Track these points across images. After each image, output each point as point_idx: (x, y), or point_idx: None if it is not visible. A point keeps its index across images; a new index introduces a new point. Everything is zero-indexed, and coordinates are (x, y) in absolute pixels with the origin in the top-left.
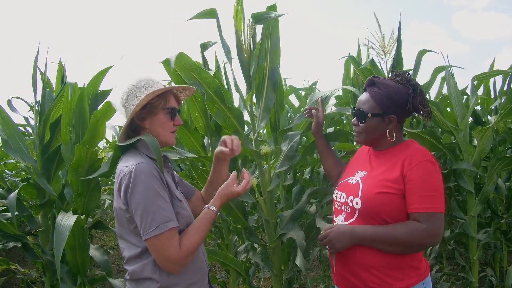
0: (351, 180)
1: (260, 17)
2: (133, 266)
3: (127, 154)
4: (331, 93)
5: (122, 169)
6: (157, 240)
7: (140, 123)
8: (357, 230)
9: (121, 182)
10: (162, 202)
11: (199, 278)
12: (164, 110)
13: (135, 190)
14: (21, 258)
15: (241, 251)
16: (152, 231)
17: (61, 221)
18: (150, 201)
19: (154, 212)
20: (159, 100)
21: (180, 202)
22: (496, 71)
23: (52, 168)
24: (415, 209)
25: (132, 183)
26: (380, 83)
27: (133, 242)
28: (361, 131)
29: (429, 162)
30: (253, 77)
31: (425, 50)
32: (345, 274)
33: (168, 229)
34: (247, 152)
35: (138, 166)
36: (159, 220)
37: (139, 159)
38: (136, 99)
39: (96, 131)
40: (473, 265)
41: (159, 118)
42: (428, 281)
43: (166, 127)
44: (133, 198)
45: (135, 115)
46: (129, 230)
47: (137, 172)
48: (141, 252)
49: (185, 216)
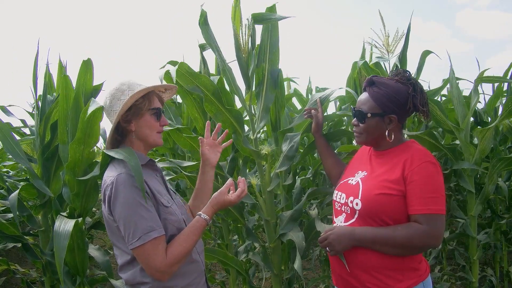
0: (351, 181)
1: (261, 18)
2: (126, 274)
3: (113, 161)
4: (329, 93)
5: (106, 179)
6: (142, 250)
7: (126, 126)
8: (357, 232)
9: (105, 192)
10: (144, 211)
11: (196, 279)
12: (149, 111)
13: (117, 202)
14: (21, 258)
15: (241, 251)
16: (136, 242)
17: (59, 227)
18: (132, 212)
19: (136, 222)
20: (144, 101)
21: (166, 208)
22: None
23: (52, 168)
24: (416, 210)
25: (114, 194)
26: (379, 82)
27: (124, 249)
28: (361, 131)
29: (431, 163)
30: (252, 77)
31: (428, 51)
32: (344, 275)
33: (152, 239)
34: (247, 152)
35: (118, 177)
36: (141, 231)
37: (120, 169)
38: (120, 102)
39: (90, 129)
40: (473, 265)
41: (145, 119)
42: (429, 282)
43: (152, 127)
44: (116, 209)
45: (120, 118)
46: (119, 237)
47: (118, 184)
48: (132, 259)
49: (173, 221)
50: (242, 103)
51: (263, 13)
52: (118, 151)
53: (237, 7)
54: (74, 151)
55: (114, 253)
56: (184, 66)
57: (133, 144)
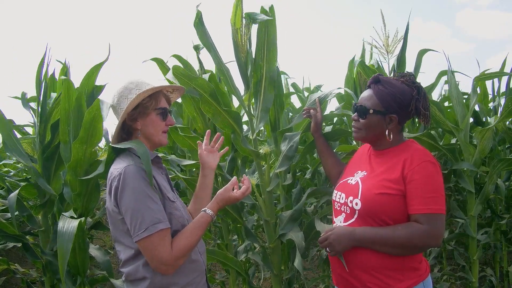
0: (351, 181)
1: (254, 17)
2: (128, 268)
3: (120, 156)
4: (328, 93)
5: (113, 171)
6: (148, 242)
7: (132, 124)
8: (357, 232)
9: (111, 184)
10: (152, 203)
11: (196, 278)
12: (155, 110)
13: (124, 192)
14: (21, 258)
15: (241, 251)
16: (142, 233)
17: (62, 228)
18: (139, 203)
19: (143, 214)
20: (150, 100)
21: (172, 202)
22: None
23: (52, 167)
24: (416, 210)
25: (121, 185)
26: (385, 81)
27: (127, 244)
28: (361, 127)
29: (430, 163)
30: (251, 77)
31: (425, 50)
32: (344, 275)
33: (158, 230)
34: (246, 152)
35: (127, 168)
36: (148, 222)
37: (128, 161)
38: (127, 100)
39: (93, 129)
40: (473, 265)
41: (151, 118)
42: (429, 281)
43: (158, 127)
44: (123, 200)
45: (127, 116)
46: (123, 232)
47: (126, 175)
48: (135, 254)
49: (178, 217)
50: (240, 103)
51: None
52: (126, 143)
53: (238, 6)
54: (77, 150)
55: (116, 250)
56: (179, 69)
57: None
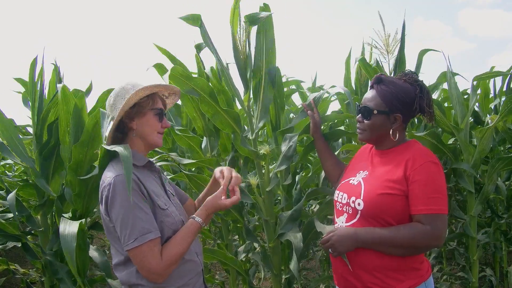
0: (353, 181)
1: (253, 18)
2: (120, 273)
3: (113, 160)
4: (322, 93)
5: (104, 179)
6: (137, 252)
7: (128, 123)
8: (360, 233)
9: (102, 193)
10: (141, 213)
11: (192, 279)
12: (152, 110)
13: (114, 202)
14: (21, 258)
15: (240, 251)
16: (131, 243)
17: (64, 230)
18: (128, 213)
19: (132, 224)
20: (147, 100)
21: (163, 210)
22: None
23: (49, 168)
24: (419, 210)
25: (111, 195)
26: (387, 81)
27: (118, 249)
28: (366, 128)
29: (433, 163)
30: (250, 77)
31: (426, 50)
32: (345, 275)
33: (148, 240)
34: (245, 152)
35: (116, 178)
36: (137, 233)
37: (119, 170)
38: (123, 100)
39: (96, 132)
40: (473, 265)
41: (147, 118)
42: (430, 282)
43: (154, 127)
44: (113, 210)
45: (124, 114)
46: (116, 237)
47: (115, 185)
48: (125, 260)
49: (170, 224)
50: (240, 104)
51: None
52: (114, 146)
53: (236, 9)
54: (78, 153)
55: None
56: (177, 69)
57: (133, 143)
